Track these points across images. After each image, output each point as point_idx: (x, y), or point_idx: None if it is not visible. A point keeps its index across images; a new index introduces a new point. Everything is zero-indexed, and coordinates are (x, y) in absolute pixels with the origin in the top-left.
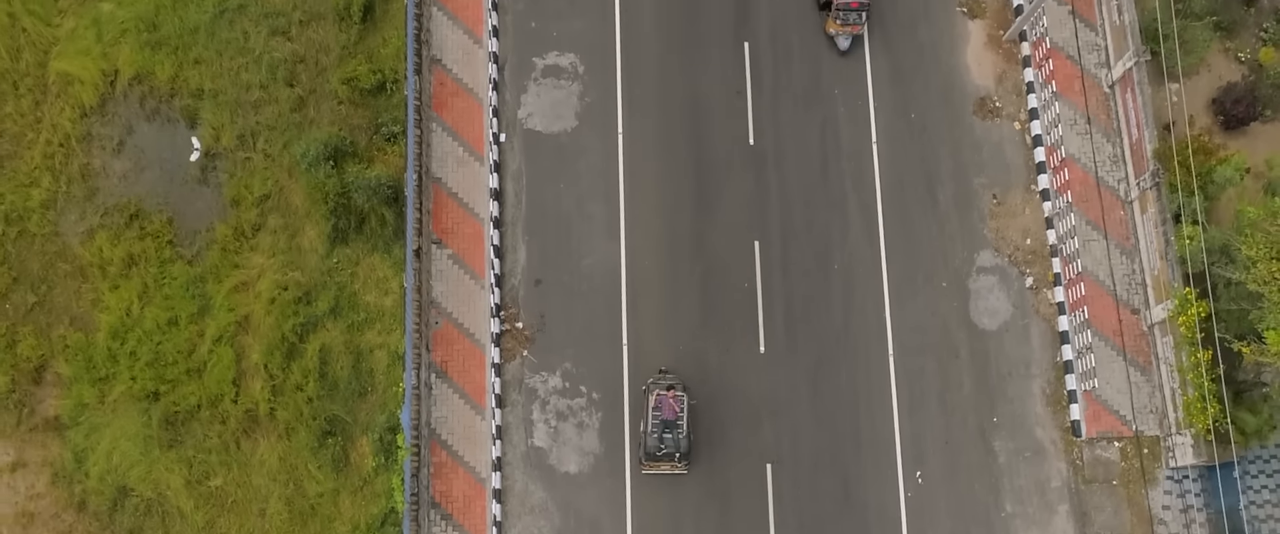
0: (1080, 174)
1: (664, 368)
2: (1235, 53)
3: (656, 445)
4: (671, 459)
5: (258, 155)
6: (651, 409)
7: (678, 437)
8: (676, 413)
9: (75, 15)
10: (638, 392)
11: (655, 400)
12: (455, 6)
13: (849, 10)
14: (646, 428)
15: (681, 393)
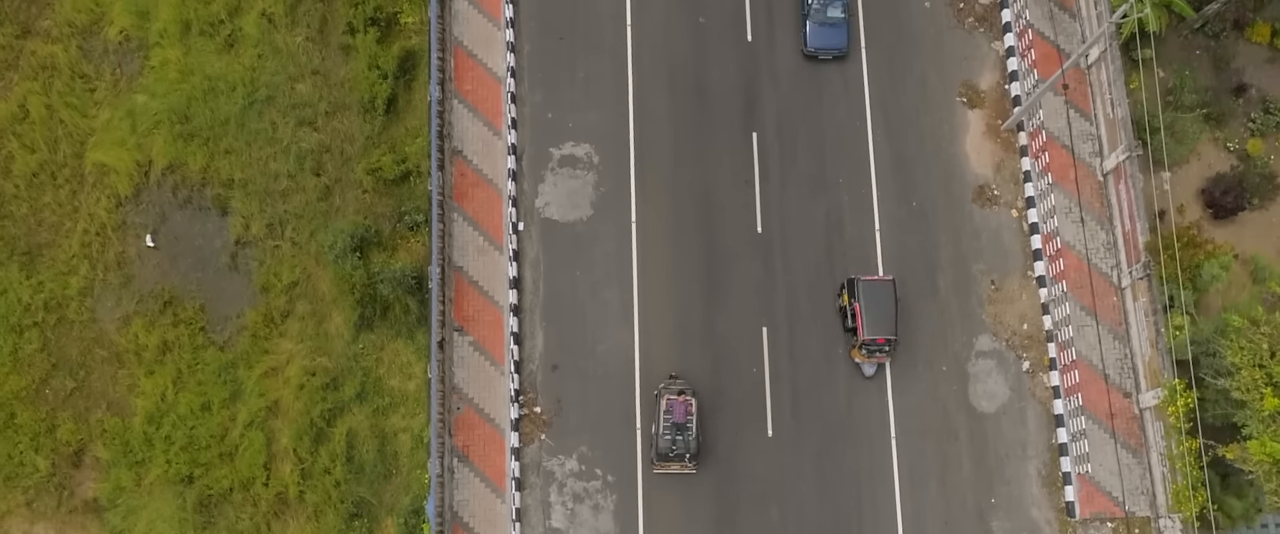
0: (1075, 261)
1: (674, 374)
2: (1225, 142)
3: (669, 446)
4: (682, 459)
5: (286, 243)
6: (663, 412)
7: (688, 438)
8: (687, 416)
9: (110, 107)
10: (650, 476)
11: (667, 404)
12: (475, 99)
13: (876, 346)
14: (658, 430)
15: (691, 398)
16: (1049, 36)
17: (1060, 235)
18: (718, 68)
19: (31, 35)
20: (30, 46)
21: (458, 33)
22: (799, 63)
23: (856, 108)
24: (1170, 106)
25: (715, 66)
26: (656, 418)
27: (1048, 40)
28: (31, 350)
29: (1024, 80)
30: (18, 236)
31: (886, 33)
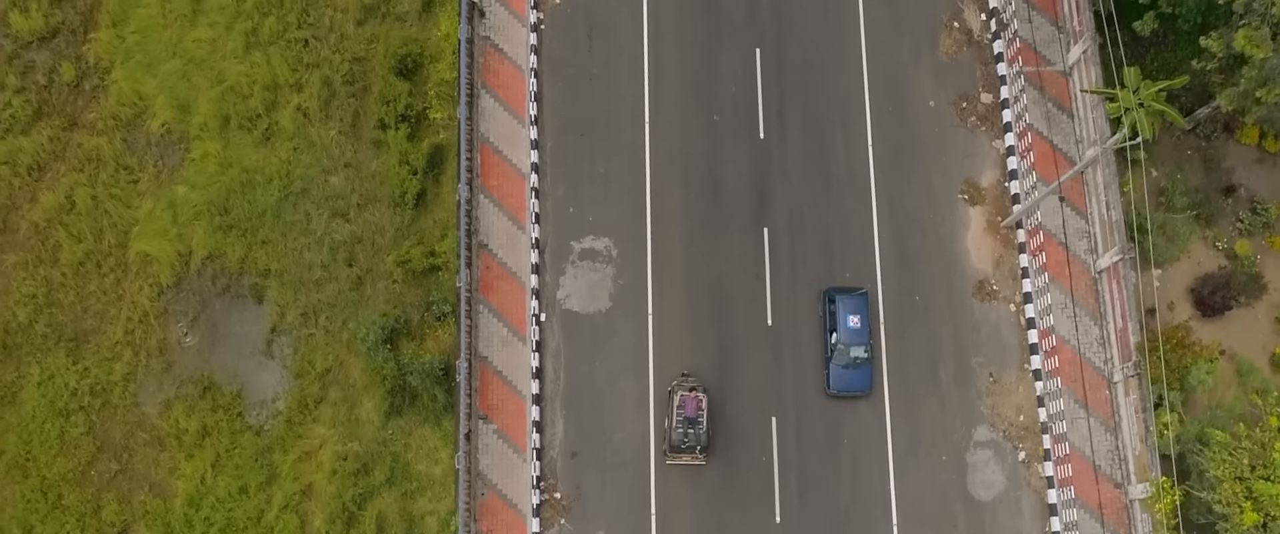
0: (1069, 355)
1: (686, 371)
2: (1214, 241)
3: (681, 439)
4: (693, 451)
5: (319, 331)
6: (676, 408)
7: (699, 431)
8: (698, 411)
9: (153, 197)
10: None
11: (679, 400)
12: (501, 194)
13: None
14: (671, 424)
15: (702, 394)
16: (1047, 136)
17: (1056, 331)
18: (731, 164)
19: (78, 127)
20: (77, 139)
21: (484, 129)
22: (809, 160)
23: (863, 204)
24: (1162, 207)
25: (729, 163)
26: (670, 412)
27: (1046, 139)
28: (77, 434)
29: (1023, 179)
30: (65, 323)
31: (893, 132)
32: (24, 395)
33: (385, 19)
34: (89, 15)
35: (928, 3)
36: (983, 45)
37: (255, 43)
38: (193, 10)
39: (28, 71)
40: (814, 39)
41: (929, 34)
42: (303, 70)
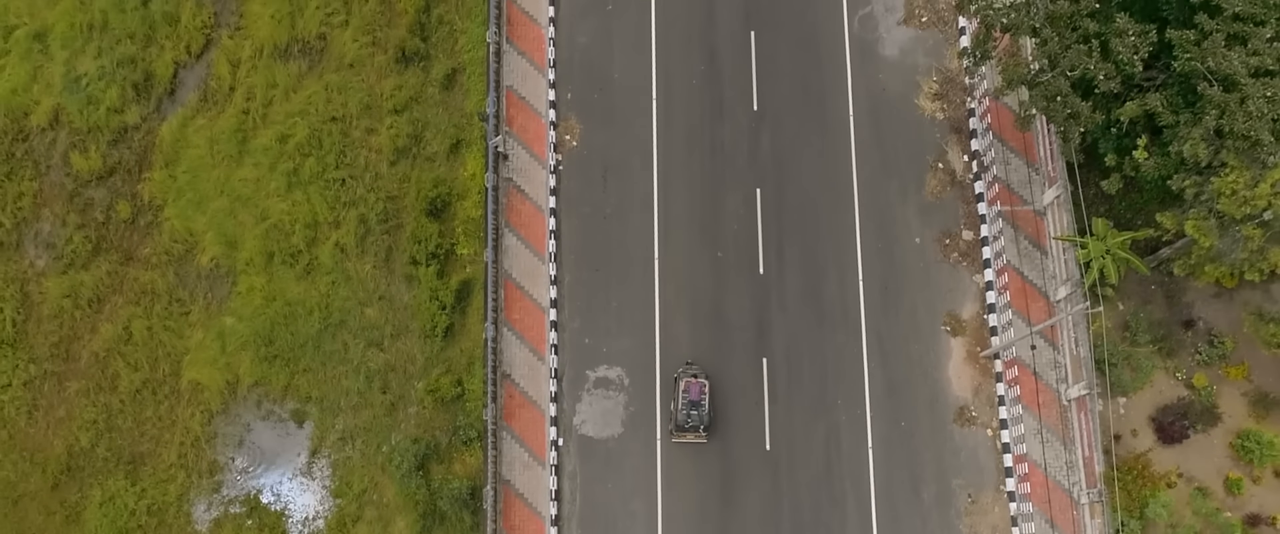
0: (1041, 478)
1: (690, 360)
2: (1175, 372)
3: (686, 419)
4: (696, 430)
5: (356, 454)
6: (681, 392)
7: (702, 412)
8: (701, 395)
9: (202, 328)
10: None
11: (685, 386)
12: (522, 327)
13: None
14: (677, 407)
15: (705, 380)
16: (1023, 272)
17: (1029, 456)
18: (734, 298)
19: (134, 262)
20: (133, 273)
21: (507, 266)
22: (804, 294)
23: (854, 336)
24: (1127, 340)
25: (732, 297)
26: (676, 397)
27: (1022, 275)
28: None
29: (1001, 313)
30: (123, 447)
31: (882, 267)
32: (86, 515)
33: (416, 159)
34: (143, 155)
35: (915, 146)
36: (965, 185)
37: (296, 182)
38: (238, 151)
39: (87, 209)
40: (810, 180)
41: (916, 175)
42: (340, 208)
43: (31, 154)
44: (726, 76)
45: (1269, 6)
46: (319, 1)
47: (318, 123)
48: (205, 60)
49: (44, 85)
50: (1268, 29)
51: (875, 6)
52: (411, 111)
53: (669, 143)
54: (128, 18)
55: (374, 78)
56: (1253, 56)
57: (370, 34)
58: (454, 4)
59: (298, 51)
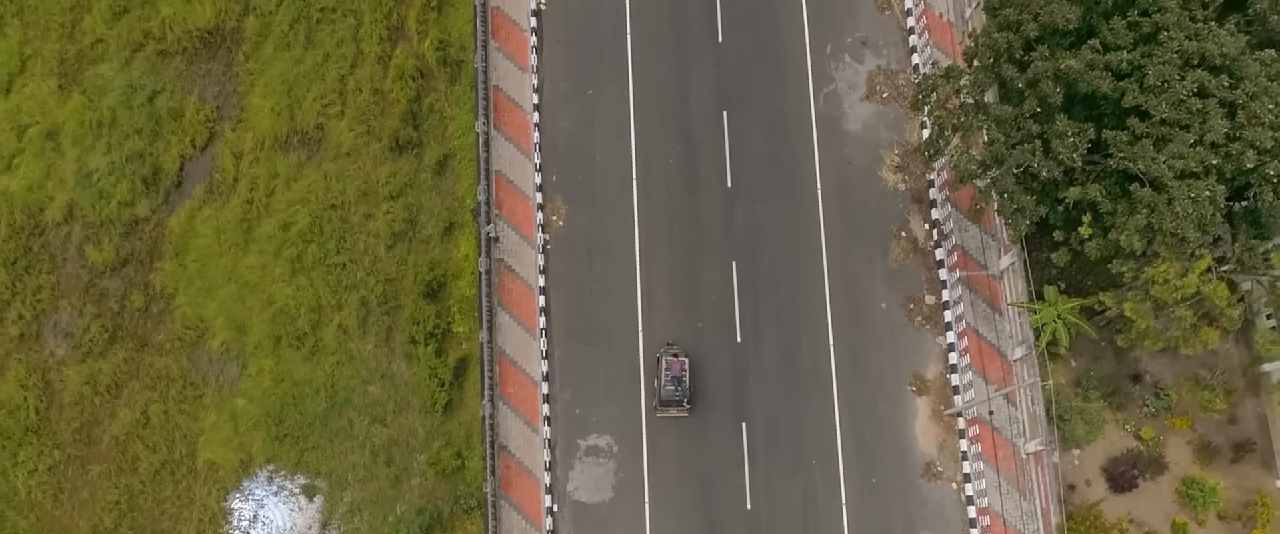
0: (1001, 528)
1: (671, 341)
2: (1124, 424)
3: (670, 394)
4: (679, 404)
5: (364, 525)
6: (664, 370)
7: (683, 388)
8: (682, 371)
9: (216, 410)
10: None
11: (666, 364)
12: (517, 401)
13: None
14: (660, 383)
15: (685, 358)
16: (982, 333)
17: (991, 507)
18: (713, 366)
19: (148, 348)
20: (148, 359)
21: (501, 343)
22: (780, 360)
23: (826, 398)
24: (1080, 395)
25: (711, 365)
26: (659, 374)
27: (981, 337)
28: None
29: (963, 373)
30: (145, 526)
31: (851, 332)
32: None
33: (412, 242)
34: (154, 246)
35: (879, 216)
36: (927, 253)
37: (300, 268)
38: (244, 240)
39: (103, 299)
40: (783, 251)
41: (881, 243)
42: (342, 291)
43: (48, 248)
44: (701, 155)
45: (1192, 113)
46: (316, 93)
47: (318, 210)
48: (210, 153)
49: (57, 181)
50: (1191, 134)
51: (839, 84)
52: (406, 197)
53: (649, 220)
54: (135, 114)
55: (370, 165)
56: (1178, 160)
57: (365, 124)
58: (443, 93)
59: (297, 142)
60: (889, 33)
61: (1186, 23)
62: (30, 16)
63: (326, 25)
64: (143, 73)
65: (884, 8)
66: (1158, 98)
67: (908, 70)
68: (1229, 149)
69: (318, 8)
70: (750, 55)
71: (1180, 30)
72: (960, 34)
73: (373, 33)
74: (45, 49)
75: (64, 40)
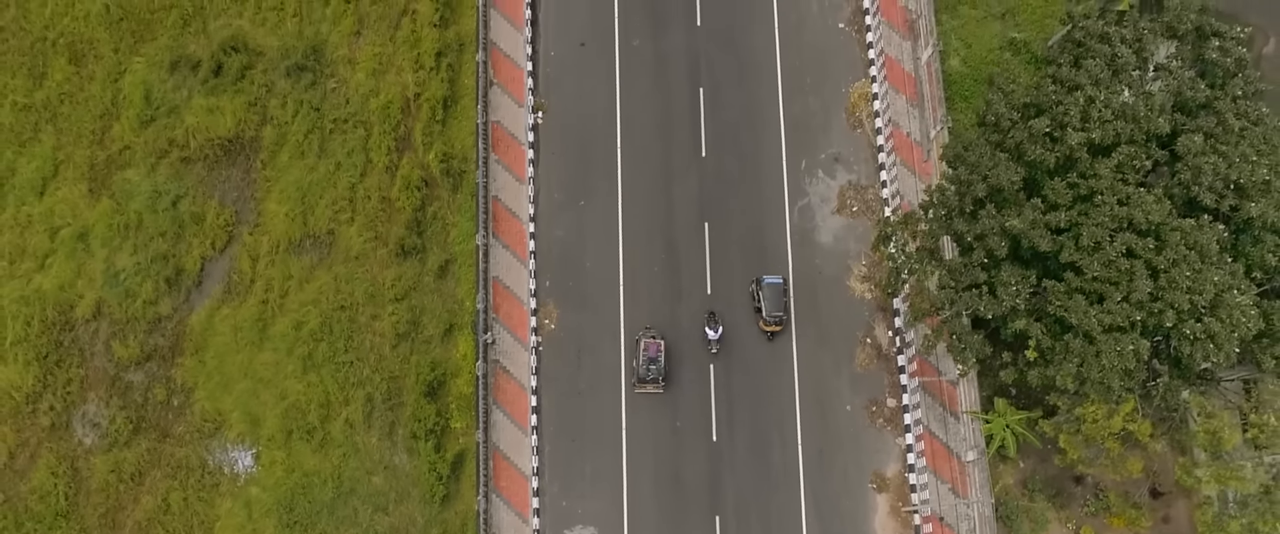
0: None
1: (648, 324)
2: (1067, 522)
3: (646, 373)
4: (655, 382)
5: None
6: (642, 350)
7: (659, 366)
8: (657, 353)
9: (232, 497)
10: None
11: (644, 345)
12: (509, 493)
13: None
14: (639, 363)
15: (661, 340)
16: (938, 435)
17: None
18: (691, 463)
19: (169, 440)
20: (168, 450)
21: (495, 440)
22: (752, 458)
23: (794, 494)
24: (1026, 495)
25: (689, 463)
26: (637, 355)
27: (937, 438)
28: None
29: (920, 473)
30: None
31: (818, 433)
32: None
33: (415, 342)
34: (176, 342)
35: (847, 323)
36: (890, 358)
37: (311, 365)
38: (259, 338)
39: (128, 392)
40: (756, 356)
41: (847, 349)
42: (349, 388)
43: (78, 343)
44: (683, 264)
45: (1121, 272)
46: (328, 200)
47: (328, 311)
48: (228, 254)
49: (87, 280)
50: (1119, 290)
51: (812, 198)
52: (410, 299)
53: (635, 325)
54: (159, 218)
55: (377, 269)
56: (1106, 315)
57: (373, 229)
58: (446, 201)
59: (310, 246)
60: (860, 149)
61: (1118, 186)
62: (63, 123)
63: (338, 135)
64: (167, 178)
65: (856, 126)
66: (1090, 257)
67: (876, 185)
68: (1152, 307)
69: (330, 119)
70: (731, 170)
71: (1112, 194)
72: (926, 152)
73: (381, 143)
74: (77, 154)
75: (94, 146)
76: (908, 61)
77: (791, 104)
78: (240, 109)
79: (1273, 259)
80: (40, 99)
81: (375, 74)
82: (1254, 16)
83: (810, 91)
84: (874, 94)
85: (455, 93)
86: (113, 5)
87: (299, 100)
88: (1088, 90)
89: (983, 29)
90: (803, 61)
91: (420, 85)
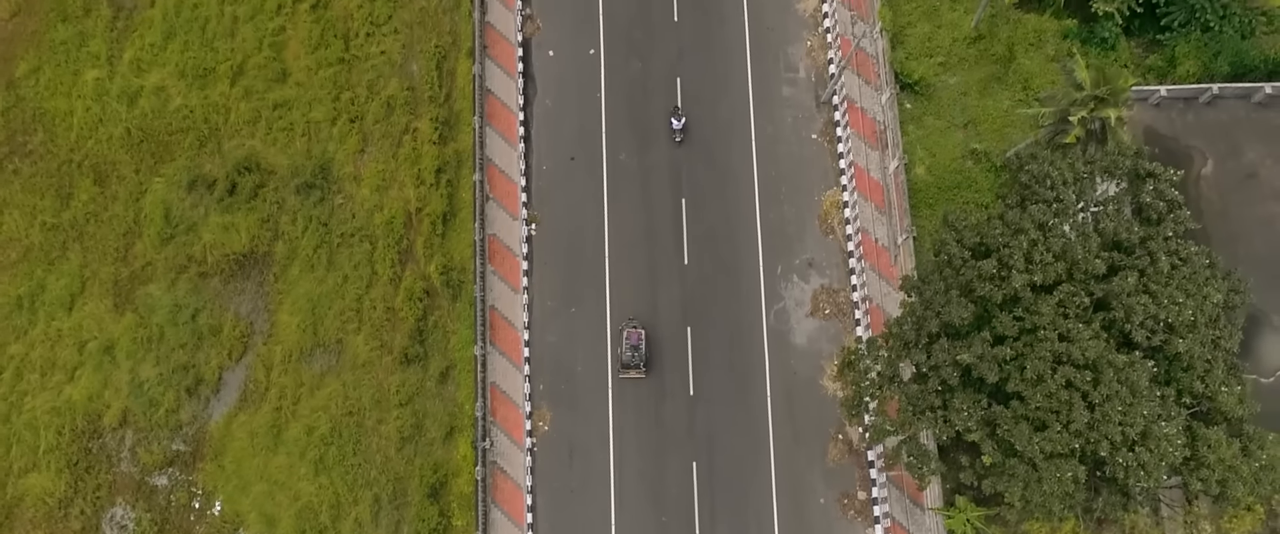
0: None
1: (631, 316)
2: None
3: (629, 359)
4: (637, 368)
5: None
6: (625, 338)
7: (640, 353)
8: (639, 341)
9: None
10: None
11: (627, 334)
12: None
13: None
14: (622, 350)
15: (642, 329)
16: (906, 527)
17: None
18: None
19: None
20: None
21: None
22: None
23: None
24: None
25: None
26: (620, 343)
27: (905, 530)
28: None
29: None
30: None
31: (792, 524)
32: None
33: (419, 444)
34: (197, 448)
35: (820, 420)
36: (860, 453)
37: (322, 468)
38: (274, 443)
39: (152, 496)
40: (737, 452)
41: (820, 445)
42: (357, 489)
43: (105, 450)
44: (668, 365)
45: (1061, 403)
46: (336, 311)
47: (338, 416)
48: (244, 364)
49: (113, 391)
50: (1059, 420)
51: (787, 302)
52: (414, 404)
53: (622, 423)
54: (180, 330)
55: (382, 375)
56: (1047, 443)
57: (378, 338)
58: (446, 310)
59: (320, 355)
60: (832, 255)
61: (1060, 321)
62: (89, 242)
63: (345, 249)
64: (187, 292)
65: (828, 232)
66: (1034, 389)
67: (847, 288)
68: (1089, 435)
69: (338, 233)
70: (712, 275)
71: (1053, 329)
72: (893, 256)
73: (385, 256)
74: (102, 271)
75: (118, 263)
76: (876, 170)
77: (768, 212)
78: (253, 226)
79: (1200, 386)
80: (67, 219)
81: (379, 190)
82: (1193, 139)
83: (785, 200)
84: (845, 202)
85: (454, 206)
86: (133, 128)
87: (308, 216)
88: (1031, 233)
89: (946, 138)
90: (778, 172)
91: (421, 200)
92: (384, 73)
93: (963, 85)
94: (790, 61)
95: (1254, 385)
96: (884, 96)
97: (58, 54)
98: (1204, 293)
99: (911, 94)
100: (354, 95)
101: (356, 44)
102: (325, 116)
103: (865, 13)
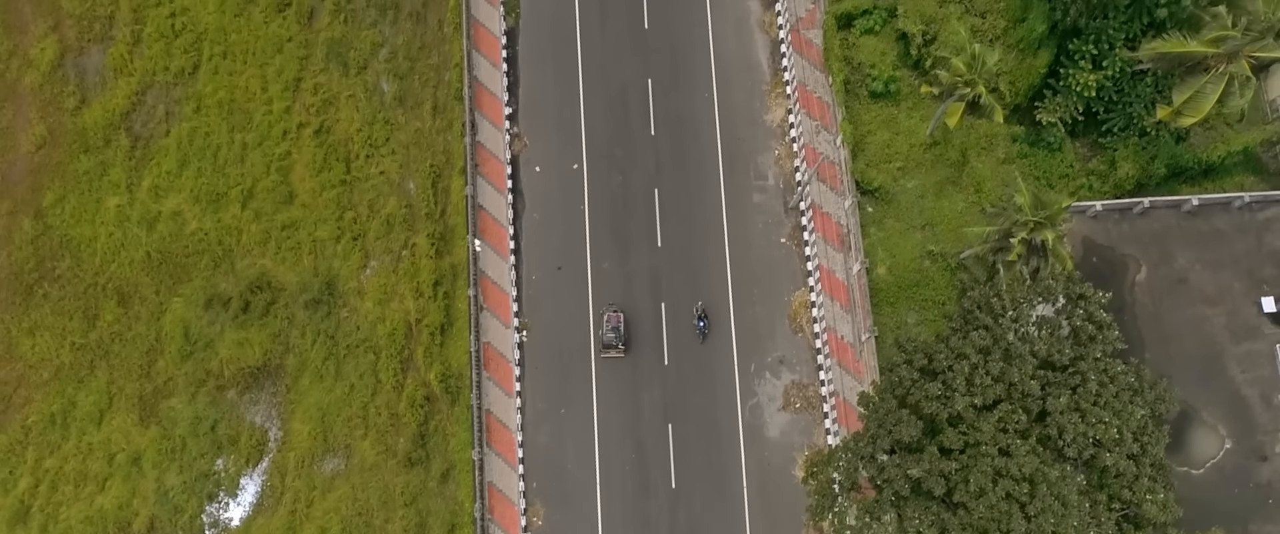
0: None
1: (612, 302)
2: None
3: (611, 340)
4: (616, 348)
5: None
6: (605, 320)
7: (619, 334)
8: (618, 322)
9: None
10: None
11: (607, 317)
12: None
13: None
14: (604, 332)
15: (622, 313)
16: None
17: None
18: None
19: None
20: None
21: None
22: None
23: None
24: None
25: None
26: (602, 325)
27: None
28: None
29: None
30: None
31: None
32: None
33: None
34: None
35: (793, 509)
36: None
37: None
38: None
39: None
40: None
41: (793, 532)
42: None
43: None
44: (651, 462)
45: (1001, 514)
46: (344, 418)
47: (348, 517)
48: (261, 470)
49: (141, 499)
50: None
51: (760, 398)
52: (418, 504)
53: (610, 517)
54: (201, 440)
55: (388, 477)
56: None
57: (384, 443)
58: (446, 415)
59: (330, 460)
60: (801, 352)
61: (1000, 437)
62: (114, 361)
63: (351, 359)
64: (206, 405)
65: (797, 330)
66: (977, 501)
67: (816, 384)
68: None
69: (344, 345)
70: (690, 375)
71: (994, 445)
72: (857, 353)
73: (388, 365)
74: (127, 388)
75: (142, 380)
76: (841, 271)
77: (741, 314)
78: (266, 340)
79: (1128, 493)
80: (94, 339)
81: (381, 302)
82: (1128, 247)
83: (757, 302)
84: (813, 302)
85: (451, 317)
86: (153, 252)
87: (316, 330)
88: (972, 358)
89: (905, 240)
90: (750, 274)
91: (421, 312)
92: (383, 192)
93: (920, 189)
94: (760, 170)
95: (1185, 478)
96: (847, 202)
97: (81, 183)
98: (1129, 411)
99: (872, 199)
100: (356, 214)
101: (357, 165)
102: (330, 235)
103: (828, 123)
